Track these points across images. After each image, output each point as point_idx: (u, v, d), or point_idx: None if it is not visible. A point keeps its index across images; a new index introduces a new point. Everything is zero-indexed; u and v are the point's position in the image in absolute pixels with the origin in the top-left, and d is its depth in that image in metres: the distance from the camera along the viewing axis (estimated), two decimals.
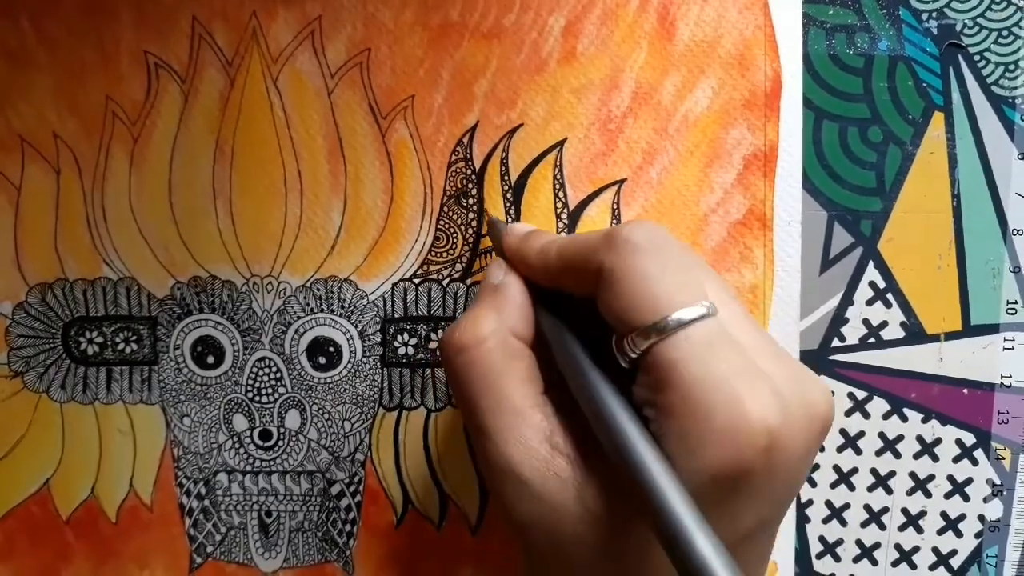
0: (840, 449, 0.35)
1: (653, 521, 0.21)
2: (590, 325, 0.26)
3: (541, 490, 0.25)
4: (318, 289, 0.35)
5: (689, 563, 0.20)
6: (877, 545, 0.35)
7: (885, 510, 0.35)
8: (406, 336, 0.35)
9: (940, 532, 0.35)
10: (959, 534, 0.35)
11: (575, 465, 0.25)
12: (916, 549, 0.35)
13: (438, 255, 0.34)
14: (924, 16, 0.33)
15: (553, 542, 0.25)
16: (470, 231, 0.34)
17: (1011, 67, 0.33)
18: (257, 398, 0.35)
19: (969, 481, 0.34)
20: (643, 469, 0.22)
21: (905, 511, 0.35)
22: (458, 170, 0.34)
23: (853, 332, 0.34)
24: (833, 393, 0.34)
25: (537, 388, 0.27)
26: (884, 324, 0.34)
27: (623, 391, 0.25)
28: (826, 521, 0.35)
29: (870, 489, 0.35)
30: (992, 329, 0.34)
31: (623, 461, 0.23)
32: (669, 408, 0.23)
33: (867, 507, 0.35)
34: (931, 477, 0.34)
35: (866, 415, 0.34)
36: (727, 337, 0.23)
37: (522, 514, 0.25)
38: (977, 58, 0.33)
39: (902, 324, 0.34)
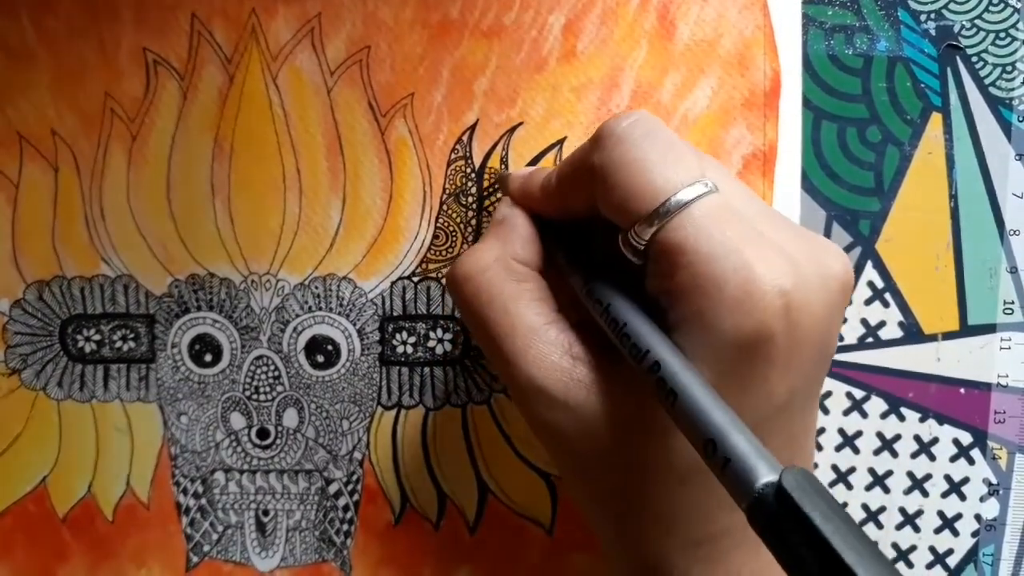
0: (838, 448, 0.35)
1: (669, 409, 0.21)
2: (605, 255, 0.26)
3: (566, 399, 0.25)
4: (316, 287, 0.35)
5: (703, 433, 0.20)
6: (874, 544, 0.35)
7: (882, 509, 0.35)
8: (405, 334, 0.35)
9: (937, 531, 0.35)
10: (956, 533, 0.35)
11: (596, 369, 0.25)
12: (913, 548, 0.35)
13: (437, 253, 0.34)
14: (922, 17, 0.33)
15: (585, 443, 0.25)
16: (469, 229, 0.34)
17: (1008, 68, 0.33)
18: (255, 396, 0.35)
19: (966, 480, 0.34)
20: (658, 357, 0.22)
21: (902, 510, 0.35)
22: (457, 168, 0.34)
23: (851, 332, 0.34)
24: (842, 336, 0.35)
25: (550, 306, 0.27)
26: (882, 324, 0.34)
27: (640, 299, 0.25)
28: None
29: (867, 488, 0.35)
30: (989, 329, 0.34)
31: (634, 352, 0.23)
32: (681, 289, 0.23)
33: (864, 506, 0.35)
34: (928, 476, 0.35)
35: (864, 414, 0.34)
36: (730, 209, 0.23)
37: (551, 424, 0.25)
38: (975, 59, 0.33)
39: (900, 324, 0.34)
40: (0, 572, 0.36)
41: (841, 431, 0.35)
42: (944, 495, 0.35)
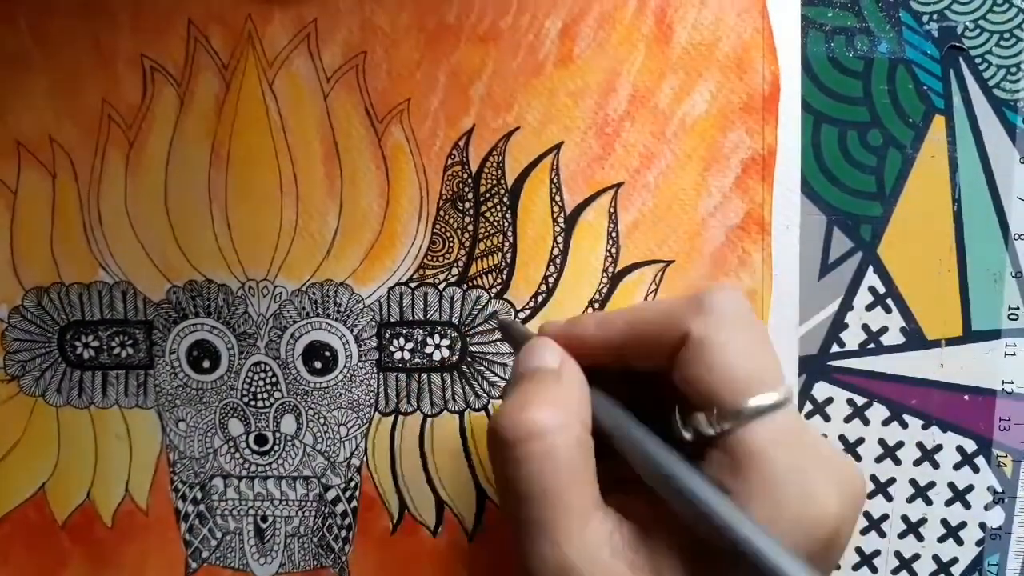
0: None
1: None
2: (634, 402, 0.26)
3: None
4: (314, 293, 0.35)
5: None
6: (877, 553, 0.35)
7: (885, 517, 0.34)
8: (402, 340, 0.35)
9: (941, 540, 0.34)
10: (960, 542, 0.34)
11: (635, 568, 0.24)
12: (916, 557, 0.34)
13: (434, 259, 0.34)
14: (925, 18, 0.33)
15: None
16: (466, 235, 0.34)
17: (1013, 70, 0.33)
18: (253, 403, 0.35)
19: (970, 488, 0.34)
20: (739, 526, 0.22)
21: (905, 518, 0.34)
22: (454, 174, 0.34)
23: (853, 338, 0.34)
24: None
25: (597, 487, 0.25)
26: (884, 329, 0.34)
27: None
28: None
29: (870, 496, 0.34)
30: (993, 335, 0.33)
31: (717, 526, 0.22)
32: (747, 493, 0.23)
33: (867, 514, 0.34)
34: (932, 484, 0.34)
35: (866, 421, 0.34)
36: (801, 425, 0.24)
37: None
38: (978, 61, 0.33)
39: (902, 330, 0.34)
40: None
41: (843, 438, 0.34)
42: (948, 503, 0.34)
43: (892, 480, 0.34)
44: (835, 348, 0.34)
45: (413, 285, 0.34)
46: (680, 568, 0.23)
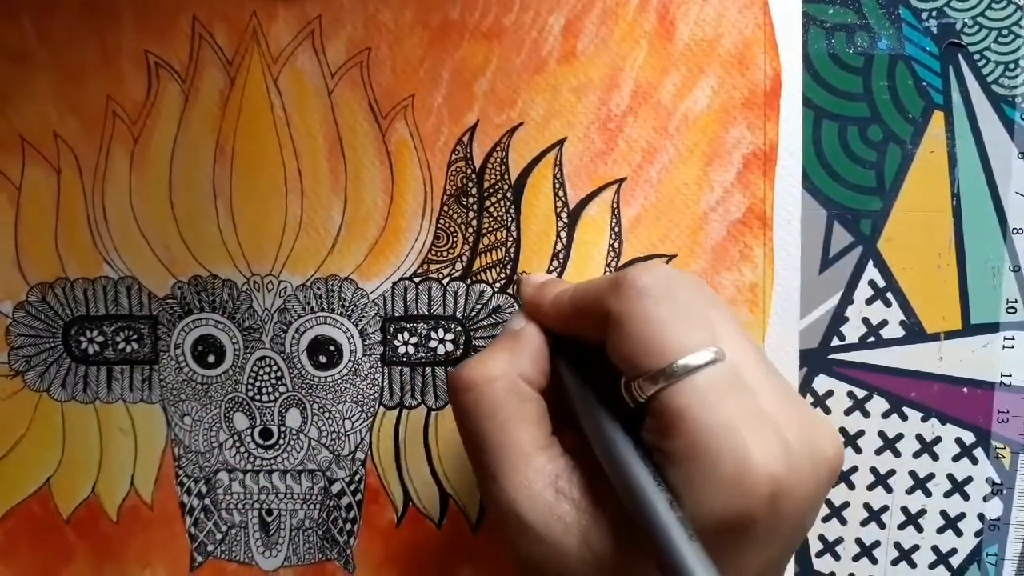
0: None
1: (661, 564, 0.22)
2: (607, 370, 0.26)
3: (544, 533, 0.25)
4: (318, 288, 0.35)
5: None
6: (877, 544, 0.35)
7: (885, 509, 0.35)
8: (406, 335, 0.35)
9: (940, 531, 0.35)
10: (959, 533, 0.35)
11: (580, 509, 0.25)
12: (916, 548, 0.35)
13: (438, 254, 0.34)
14: (924, 15, 0.33)
15: None
16: (470, 230, 0.34)
17: (1011, 66, 0.33)
18: (258, 397, 0.35)
19: (969, 480, 0.34)
20: (652, 512, 0.22)
21: (905, 510, 0.35)
22: (458, 169, 0.34)
23: (853, 331, 0.34)
24: (830, 417, 0.34)
25: (545, 431, 0.27)
26: (884, 323, 0.34)
27: (636, 432, 0.25)
28: (826, 520, 0.35)
29: (870, 488, 0.35)
30: (992, 328, 0.34)
31: (633, 505, 0.23)
32: (675, 454, 0.23)
33: (867, 506, 0.35)
34: (931, 476, 0.34)
35: (866, 414, 0.34)
36: (735, 382, 0.23)
37: (526, 555, 0.25)
38: (977, 57, 0.33)
39: (902, 323, 0.34)
40: (5, 573, 0.36)
41: (843, 430, 0.35)
42: (947, 495, 0.35)
43: (892, 472, 0.35)
44: (835, 341, 0.34)
45: (417, 280, 0.35)
46: (611, 531, 0.24)
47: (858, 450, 0.35)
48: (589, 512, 0.25)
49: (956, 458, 0.34)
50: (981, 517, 0.35)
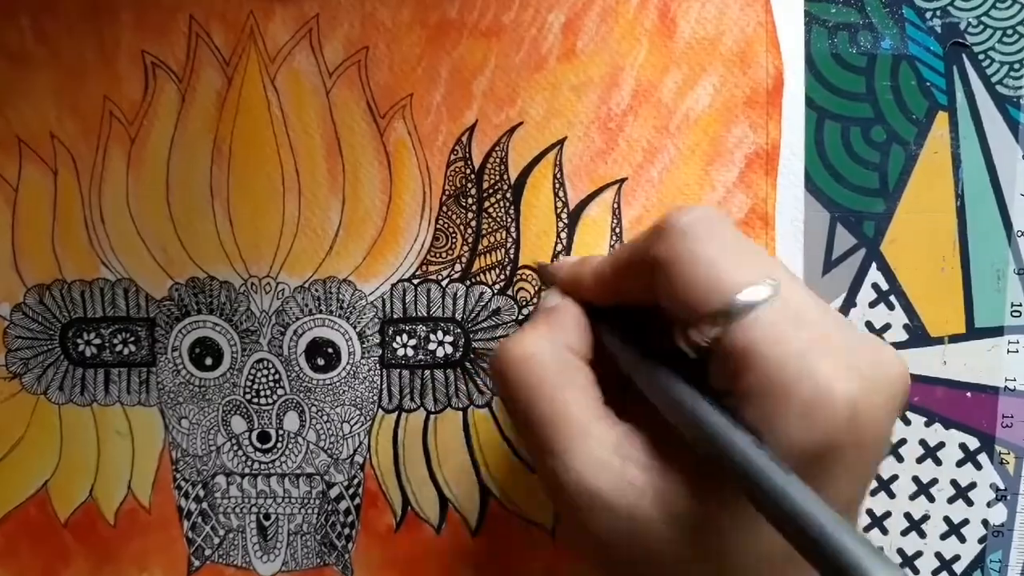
0: None
1: (759, 503, 0.21)
2: (654, 339, 0.26)
3: (618, 502, 0.23)
4: (316, 290, 0.34)
5: (808, 537, 0.20)
6: (880, 550, 0.35)
7: (888, 514, 0.34)
8: (405, 337, 0.35)
9: (943, 537, 0.34)
10: (962, 539, 0.34)
11: (650, 471, 0.24)
12: (919, 554, 0.34)
13: (437, 255, 0.34)
14: (928, 14, 0.33)
15: (638, 554, 0.24)
16: (469, 231, 0.34)
17: (1016, 66, 0.33)
18: (255, 400, 0.35)
19: (973, 485, 0.34)
20: (741, 455, 0.21)
21: (908, 515, 0.34)
22: (457, 169, 0.34)
23: None
24: None
25: (599, 400, 0.26)
26: (887, 326, 0.34)
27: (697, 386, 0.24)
28: None
29: (873, 493, 0.34)
30: (996, 332, 0.33)
31: (717, 450, 0.22)
32: (748, 393, 0.22)
33: (870, 512, 0.34)
34: (934, 481, 0.34)
35: None
36: (796, 313, 0.23)
37: (600, 530, 0.24)
38: (981, 57, 0.33)
39: (905, 327, 0.34)
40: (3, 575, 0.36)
41: None
42: (951, 500, 0.34)
43: (895, 477, 0.34)
44: None
45: (416, 281, 0.34)
46: (687, 487, 0.23)
47: None
48: (660, 473, 0.24)
49: (960, 463, 0.34)
50: (985, 523, 0.34)
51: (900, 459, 0.34)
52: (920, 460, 0.34)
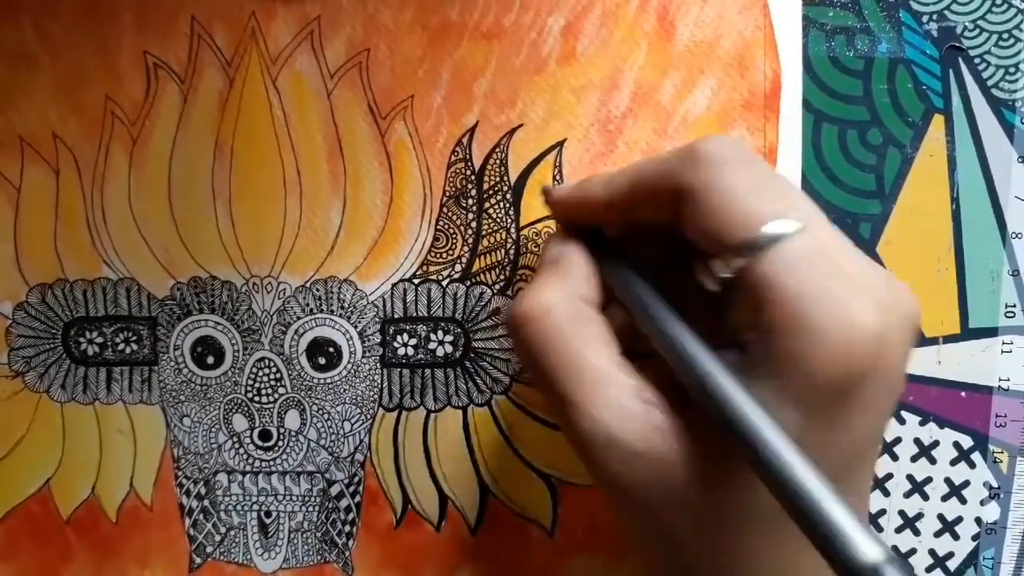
0: None
1: (749, 458, 0.21)
2: (658, 265, 0.26)
3: (643, 447, 0.23)
4: (318, 289, 0.35)
5: (794, 500, 0.20)
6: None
7: (882, 512, 0.35)
8: (406, 336, 0.35)
9: (937, 535, 0.35)
10: (956, 537, 0.35)
11: (671, 414, 0.24)
12: (913, 551, 0.35)
13: (437, 256, 0.34)
14: (924, 18, 0.33)
15: (664, 496, 0.24)
16: (469, 232, 0.34)
17: (1011, 70, 0.33)
18: (257, 398, 0.35)
19: (966, 484, 0.34)
20: (734, 407, 0.21)
21: (902, 513, 0.35)
22: (457, 170, 0.34)
23: None
24: None
25: (616, 348, 0.26)
26: None
27: (701, 327, 0.24)
28: None
29: None
30: (991, 332, 0.34)
31: (711, 401, 0.22)
32: (773, 325, 0.22)
33: None
34: (928, 480, 0.35)
35: None
36: (822, 247, 0.23)
37: (625, 476, 0.24)
38: (977, 61, 0.33)
39: None
40: (5, 573, 0.36)
41: None
42: (944, 498, 0.35)
43: (889, 476, 0.35)
44: None
45: (416, 281, 0.35)
46: (713, 429, 0.23)
47: None
48: (683, 416, 0.24)
49: (954, 462, 0.34)
50: (978, 521, 0.35)
51: (895, 457, 0.35)
52: (915, 459, 0.34)
